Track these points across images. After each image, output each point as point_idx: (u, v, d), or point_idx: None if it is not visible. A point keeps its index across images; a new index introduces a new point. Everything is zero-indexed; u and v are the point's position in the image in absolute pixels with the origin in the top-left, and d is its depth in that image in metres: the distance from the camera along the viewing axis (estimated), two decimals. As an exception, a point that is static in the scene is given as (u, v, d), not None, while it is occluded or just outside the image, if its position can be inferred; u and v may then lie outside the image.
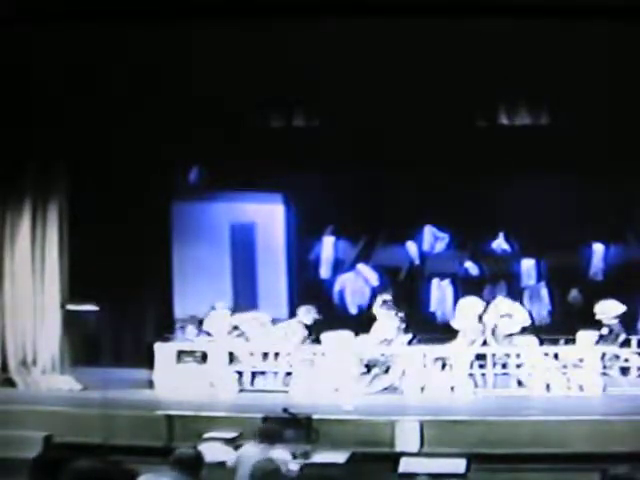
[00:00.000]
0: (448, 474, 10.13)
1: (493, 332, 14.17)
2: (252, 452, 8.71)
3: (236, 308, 15.18)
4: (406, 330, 14.24)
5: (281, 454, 8.64)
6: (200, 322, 14.83)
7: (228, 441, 10.49)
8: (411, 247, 16.93)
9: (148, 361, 14.28)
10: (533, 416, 11.85)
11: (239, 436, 9.61)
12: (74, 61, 12.56)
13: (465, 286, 16.22)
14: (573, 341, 14.01)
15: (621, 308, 14.25)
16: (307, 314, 14.54)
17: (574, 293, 16.30)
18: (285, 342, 14.38)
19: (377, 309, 14.42)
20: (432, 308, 16.65)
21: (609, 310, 14.21)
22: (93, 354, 15.39)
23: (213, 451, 9.08)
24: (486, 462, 10.83)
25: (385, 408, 12.57)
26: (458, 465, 10.33)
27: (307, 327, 14.46)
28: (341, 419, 11.74)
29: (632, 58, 12.00)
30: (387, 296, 14.59)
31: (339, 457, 10.63)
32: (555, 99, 13.43)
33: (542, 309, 16.44)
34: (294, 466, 8.87)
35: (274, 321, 14.81)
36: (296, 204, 16.84)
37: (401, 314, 14.32)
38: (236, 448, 9.39)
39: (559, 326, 15.35)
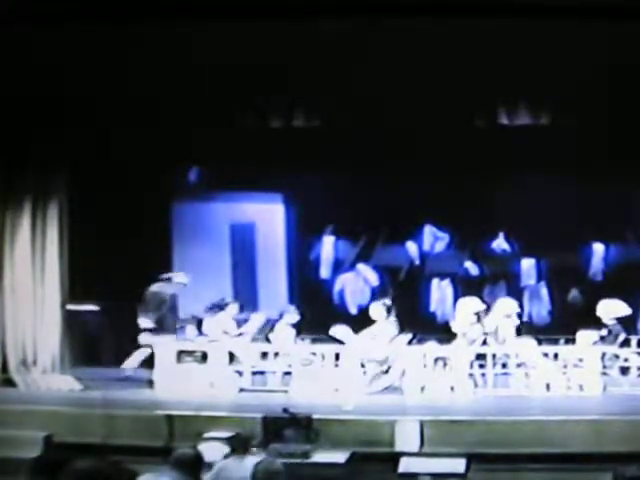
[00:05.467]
0: (448, 474, 10.16)
1: (494, 333, 14.19)
2: (231, 465, 8.66)
3: (242, 308, 15.24)
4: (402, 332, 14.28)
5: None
6: (200, 322, 14.85)
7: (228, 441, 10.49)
8: (411, 247, 16.92)
9: (148, 361, 14.29)
10: (533, 416, 11.86)
11: (234, 437, 9.58)
12: (74, 61, 12.55)
13: (465, 286, 16.22)
14: (573, 341, 14.02)
15: (626, 309, 14.25)
16: (291, 314, 14.69)
17: (574, 293, 16.30)
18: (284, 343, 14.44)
19: (375, 312, 14.40)
20: (432, 308, 16.65)
21: (614, 310, 14.22)
22: (93, 354, 15.40)
23: (213, 451, 9.08)
24: (486, 462, 10.84)
25: (385, 408, 12.57)
26: (458, 465, 10.36)
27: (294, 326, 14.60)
28: (341, 419, 11.74)
29: (632, 58, 12.00)
30: (388, 301, 14.57)
31: (339, 457, 10.65)
32: (555, 99, 13.43)
33: (542, 309, 16.45)
34: None
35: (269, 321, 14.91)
36: (296, 204, 16.84)
37: (398, 321, 14.35)
38: (233, 448, 9.31)
39: (559, 326, 15.35)
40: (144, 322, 14.54)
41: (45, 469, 5.22)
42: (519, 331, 14.27)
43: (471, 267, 16.74)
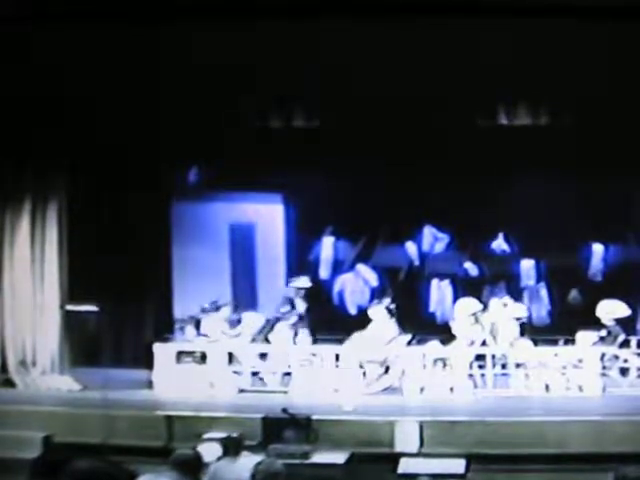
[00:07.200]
0: (448, 474, 10.15)
1: (493, 333, 14.19)
2: (224, 467, 8.65)
3: (235, 308, 15.27)
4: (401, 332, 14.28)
5: (249, 460, 8.36)
6: (198, 323, 14.84)
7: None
8: (411, 247, 16.91)
9: (148, 361, 14.29)
10: (533, 417, 11.86)
11: (227, 438, 9.57)
12: (74, 60, 12.55)
13: (465, 287, 16.21)
14: (573, 341, 14.02)
15: (626, 310, 14.25)
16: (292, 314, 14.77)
17: (574, 293, 16.29)
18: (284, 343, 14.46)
19: (376, 313, 14.39)
20: (432, 308, 16.64)
21: (613, 311, 14.21)
22: (93, 354, 15.38)
23: (213, 451, 9.07)
24: (485, 463, 10.84)
25: (385, 408, 12.58)
26: (458, 465, 10.35)
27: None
28: (341, 419, 11.74)
29: (632, 58, 12.00)
30: (390, 303, 14.56)
31: (339, 457, 10.66)
32: (555, 99, 13.42)
33: (542, 309, 16.43)
34: None
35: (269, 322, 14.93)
36: (296, 204, 16.83)
37: (397, 322, 14.35)
38: (225, 449, 9.26)
39: (559, 326, 15.35)
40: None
41: (45, 469, 5.21)
42: (521, 332, 14.30)
43: (471, 268, 16.73)
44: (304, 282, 15.23)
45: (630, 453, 10.19)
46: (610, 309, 14.28)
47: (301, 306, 14.88)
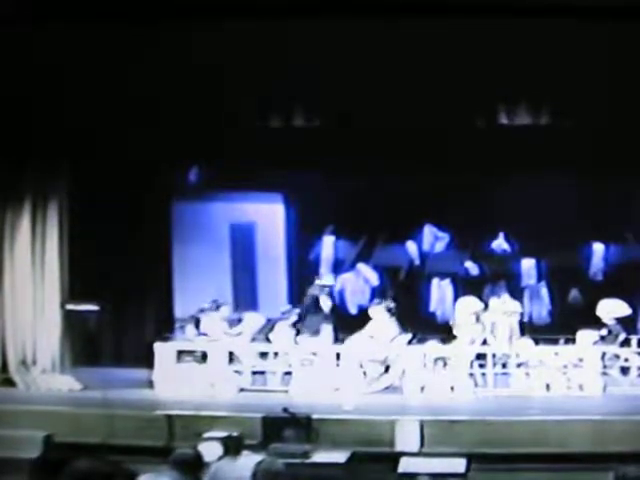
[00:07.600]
0: (448, 474, 10.15)
1: (494, 333, 14.20)
2: (225, 467, 8.65)
3: (236, 308, 15.29)
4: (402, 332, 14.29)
5: (250, 460, 8.33)
6: (198, 322, 14.84)
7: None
8: (411, 247, 16.92)
9: (148, 361, 14.29)
10: (533, 416, 11.86)
11: (227, 437, 9.57)
12: (74, 60, 12.56)
13: (465, 286, 16.22)
14: (573, 340, 14.03)
15: (626, 309, 14.26)
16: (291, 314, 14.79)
17: (574, 293, 16.30)
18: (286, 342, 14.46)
19: (377, 313, 14.40)
20: (432, 308, 16.66)
21: (614, 310, 14.22)
22: (93, 354, 15.40)
23: (213, 451, 9.07)
24: (486, 462, 10.84)
25: (385, 408, 12.57)
26: (458, 465, 10.34)
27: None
28: (341, 419, 11.74)
29: (632, 58, 12.00)
30: (391, 303, 14.57)
31: (339, 457, 10.65)
32: (555, 99, 13.42)
33: (542, 309, 16.45)
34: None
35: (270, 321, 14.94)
36: (296, 204, 16.84)
37: (398, 321, 14.35)
38: (226, 448, 9.25)
39: (559, 325, 15.36)
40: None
41: (45, 469, 5.22)
42: (522, 331, 14.31)
43: (471, 267, 16.74)
44: (330, 280, 15.30)
45: (630, 452, 10.19)
46: (610, 308, 14.29)
47: (326, 304, 14.87)
